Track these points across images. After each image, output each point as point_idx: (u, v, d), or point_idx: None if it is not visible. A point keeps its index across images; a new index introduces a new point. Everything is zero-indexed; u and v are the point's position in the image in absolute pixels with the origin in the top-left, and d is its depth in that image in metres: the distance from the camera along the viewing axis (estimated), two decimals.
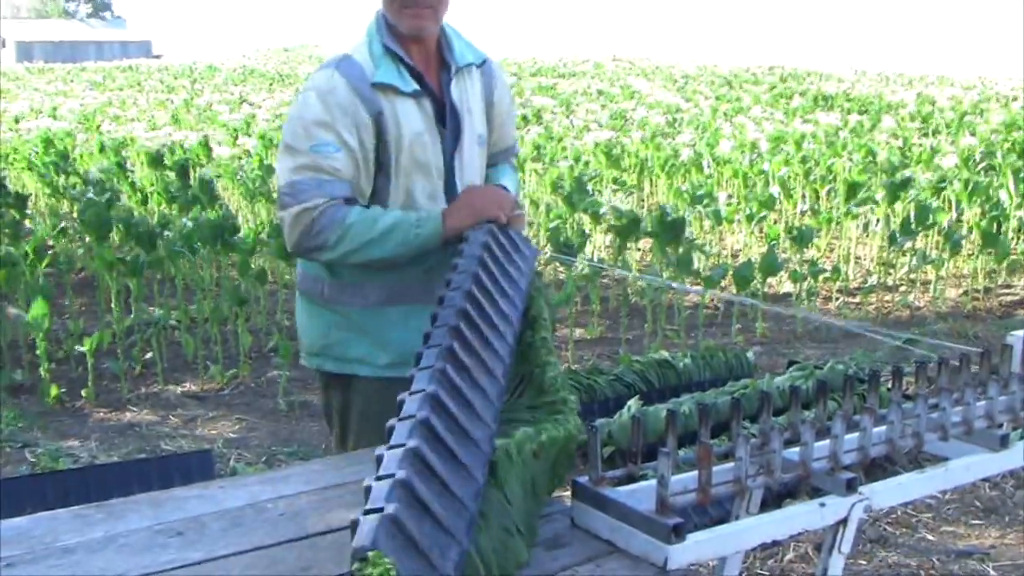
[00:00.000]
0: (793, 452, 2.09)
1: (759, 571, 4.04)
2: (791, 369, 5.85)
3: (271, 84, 26.76)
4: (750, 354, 6.23)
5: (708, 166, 11.93)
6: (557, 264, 7.75)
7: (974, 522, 4.46)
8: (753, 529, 2.03)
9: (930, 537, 4.31)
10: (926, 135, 14.35)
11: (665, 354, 6.09)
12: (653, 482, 1.94)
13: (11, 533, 1.95)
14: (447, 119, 2.79)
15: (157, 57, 49.93)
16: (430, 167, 2.77)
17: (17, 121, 15.85)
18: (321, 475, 2.28)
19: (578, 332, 7.43)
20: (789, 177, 10.80)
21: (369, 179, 2.72)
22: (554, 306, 3.08)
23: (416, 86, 2.72)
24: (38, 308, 5.99)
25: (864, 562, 4.08)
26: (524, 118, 17.03)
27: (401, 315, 2.77)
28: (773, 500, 3.92)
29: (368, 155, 2.69)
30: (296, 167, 2.65)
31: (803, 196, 10.97)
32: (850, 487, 2.08)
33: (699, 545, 1.89)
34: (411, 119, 2.71)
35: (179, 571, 1.82)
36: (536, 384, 2.29)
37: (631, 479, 2.29)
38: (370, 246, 2.64)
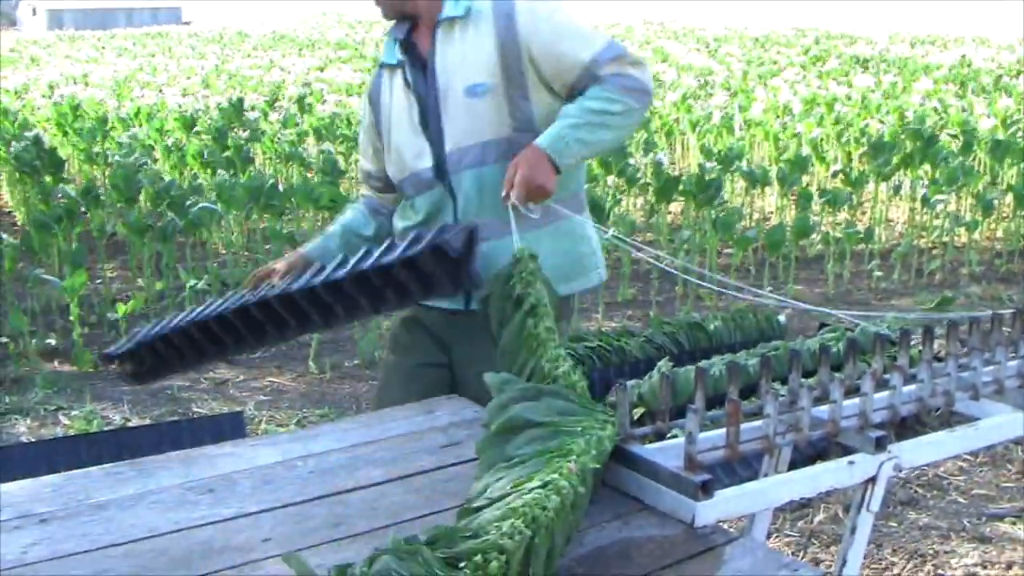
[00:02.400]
0: (822, 410, 2.08)
1: (788, 532, 4.04)
2: (822, 331, 5.81)
3: (300, 50, 26.71)
4: (782, 317, 6.20)
5: (739, 128, 11.85)
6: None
7: (1006, 485, 4.44)
8: (782, 486, 2.03)
9: (961, 500, 4.29)
10: (961, 97, 14.15)
11: (696, 316, 6.07)
12: (681, 440, 1.94)
13: (45, 490, 1.98)
14: (429, 77, 2.81)
15: (187, 24, 49.96)
16: (404, 126, 2.85)
17: (51, 88, 15.89)
18: (351, 433, 2.29)
19: (608, 295, 7.42)
20: (821, 139, 10.70)
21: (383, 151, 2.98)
22: (569, 297, 3.01)
23: (400, 56, 2.86)
24: (77, 278, 6.05)
25: (894, 524, 4.08)
26: None
27: None
28: (801, 463, 3.90)
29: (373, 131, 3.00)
30: None
31: (835, 158, 10.88)
32: (879, 445, 2.07)
33: (727, 502, 1.89)
34: (394, 88, 2.88)
35: (209, 527, 1.84)
36: (545, 377, 2.28)
37: (659, 437, 2.30)
38: None
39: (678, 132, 12.62)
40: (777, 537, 3.94)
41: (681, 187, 7.93)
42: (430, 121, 2.81)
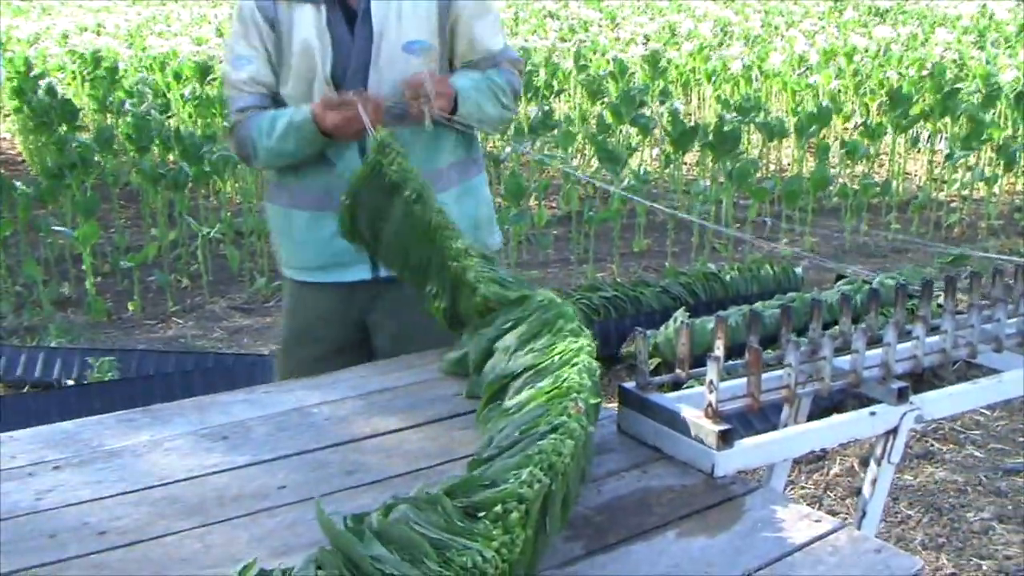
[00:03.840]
0: (843, 360, 2.06)
1: (803, 485, 4.03)
2: (839, 283, 5.79)
3: None
4: (799, 268, 6.17)
5: (756, 79, 11.73)
6: (605, 174, 7.66)
7: (1022, 439, 4.41)
8: (802, 436, 2.00)
9: (977, 454, 4.27)
10: (982, 48, 13.98)
11: (712, 267, 6.04)
12: (700, 389, 1.92)
13: (58, 437, 1.96)
14: (357, 25, 2.62)
15: None
16: (315, 76, 2.61)
17: (65, 38, 15.81)
18: (367, 381, 2.27)
19: (623, 245, 7.38)
20: (840, 91, 10.59)
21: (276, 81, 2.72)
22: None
23: None
24: (90, 227, 6.05)
25: (910, 477, 4.06)
26: (572, 29, 16.77)
27: (306, 221, 2.74)
28: (820, 415, 3.88)
29: (274, 60, 2.69)
30: (224, 84, 2.86)
31: (853, 110, 10.77)
32: (901, 396, 2.04)
33: (747, 452, 1.87)
34: (302, 25, 2.62)
35: (224, 474, 1.82)
36: (456, 277, 2.25)
37: (678, 386, 2.27)
38: (279, 151, 2.65)
39: (694, 82, 12.50)
40: (792, 489, 3.92)
41: (699, 137, 7.86)
42: (347, 71, 2.62)
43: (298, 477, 1.80)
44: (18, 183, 7.00)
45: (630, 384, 1.98)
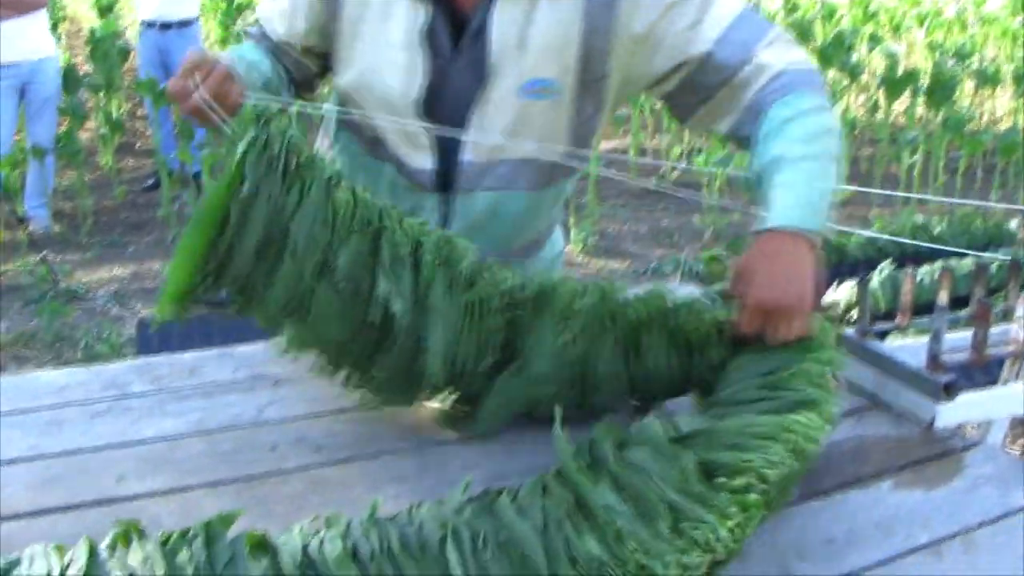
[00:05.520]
0: None
1: (1006, 448, 3.86)
2: None
3: None
4: (1012, 224, 5.90)
5: (972, 24, 11.22)
6: None
7: None
8: None
9: None
10: None
11: (920, 219, 5.84)
12: (919, 339, 1.86)
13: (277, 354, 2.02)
14: (466, 41, 1.78)
15: None
16: (392, 101, 1.81)
17: None
18: None
19: None
20: None
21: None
22: None
23: None
24: None
25: None
26: None
27: None
28: None
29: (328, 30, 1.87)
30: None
31: None
32: None
33: (969, 406, 1.80)
34: (383, 23, 1.79)
35: None
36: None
37: (882, 337, 2.20)
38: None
39: (904, 27, 12.04)
40: None
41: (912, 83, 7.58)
42: (444, 107, 1.81)
43: None
44: None
45: (849, 330, 1.92)
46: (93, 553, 1.24)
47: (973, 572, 1.44)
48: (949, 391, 1.73)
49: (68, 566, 1.21)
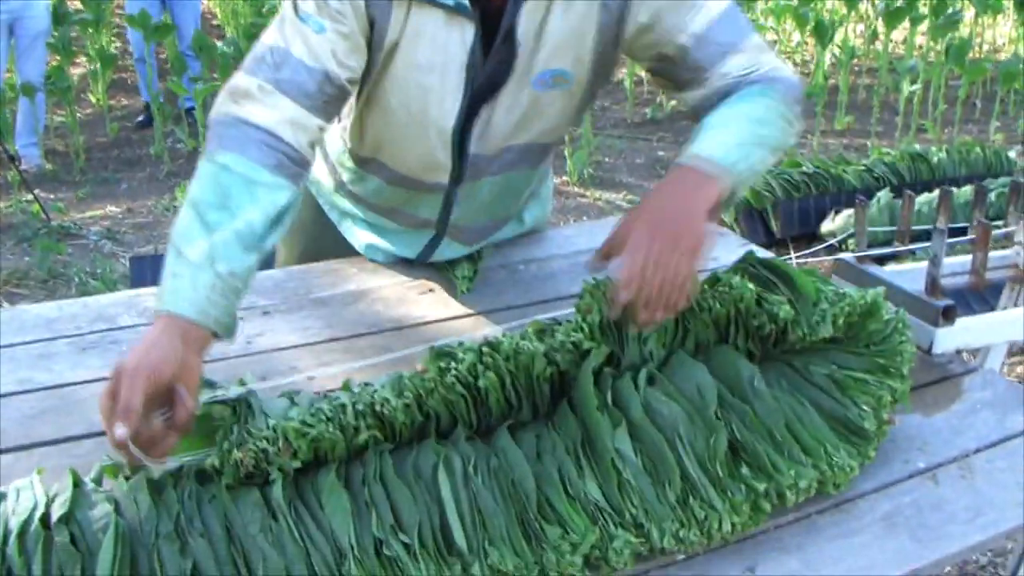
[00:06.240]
0: None
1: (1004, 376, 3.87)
2: None
3: None
4: (1012, 152, 5.85)
5: None
6: (807, 52, 7.39)
7: None
8: None
9: None
10: None
11: (918, 148, 5.79)
12: (918, 264, 1.84)
13: (267, 284, 2.00)
14: (493, 48, 1.67)
15: None
16: (428, 123, 1.73)
17: None
18: (573, 240, 2.24)
19: (824, 123, 7.12)
20: None
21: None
22: None
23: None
24: None
25: None
26: None
27: None
28: None
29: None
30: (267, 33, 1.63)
31: None
32: None
33: (968, 331, 1.78)
34: (431, 44, 1.65)
35: (432, 325, 1.86)
36: None
37: (880, 262, 2.18)
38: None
39: None
40: None
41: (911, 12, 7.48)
42: (478, 120, 1.75)
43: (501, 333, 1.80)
44: (217, 43, 7.14)
45: (847, 255, 1.90)
46: (79, 485, 1.23)
47: (971, 496, 1.43)
48: (948, 315, 1.71)
49: (53, 499, 1.20)
